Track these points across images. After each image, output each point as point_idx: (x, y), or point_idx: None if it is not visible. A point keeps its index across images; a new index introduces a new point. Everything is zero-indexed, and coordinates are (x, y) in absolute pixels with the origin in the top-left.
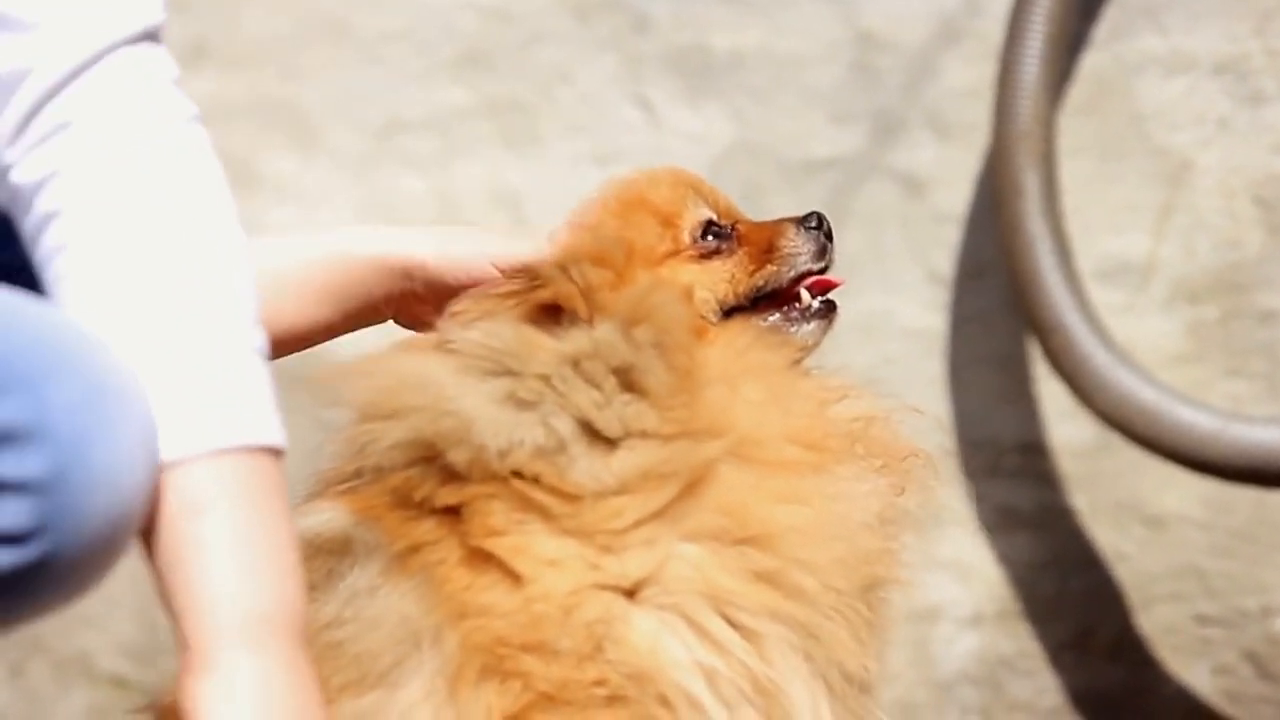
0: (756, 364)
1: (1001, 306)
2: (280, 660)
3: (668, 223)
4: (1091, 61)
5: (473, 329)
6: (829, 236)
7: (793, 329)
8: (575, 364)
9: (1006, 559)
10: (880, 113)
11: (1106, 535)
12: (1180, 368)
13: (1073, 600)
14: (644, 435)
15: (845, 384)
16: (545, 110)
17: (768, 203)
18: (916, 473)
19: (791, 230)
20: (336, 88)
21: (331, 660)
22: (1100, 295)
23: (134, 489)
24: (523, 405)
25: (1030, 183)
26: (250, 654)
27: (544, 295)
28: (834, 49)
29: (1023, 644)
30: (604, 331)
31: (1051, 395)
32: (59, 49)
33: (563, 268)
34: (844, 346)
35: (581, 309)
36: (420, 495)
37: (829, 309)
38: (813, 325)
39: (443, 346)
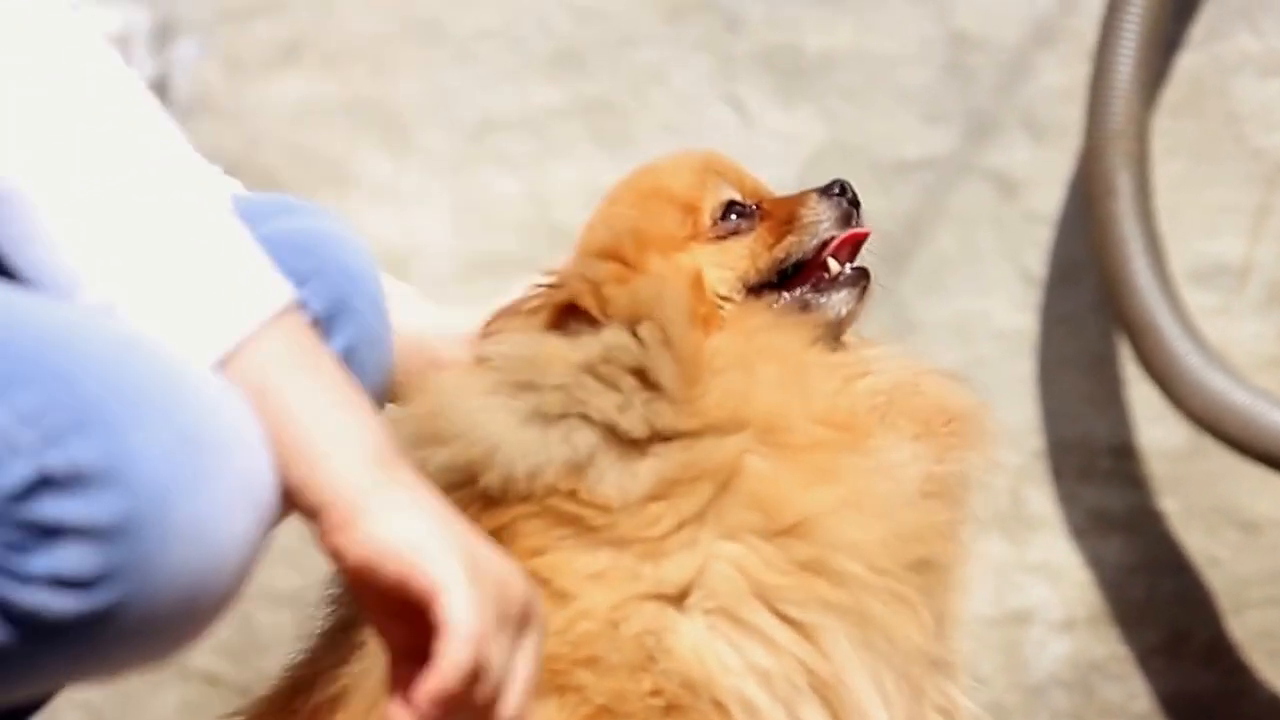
0: (769, 345)
1: (1093, 308)
2: (412, 478)
3: (688, 209)
4: (1187, 62)
5: (500, 343)
6: (855, 204)
7: (822, 299)
8: (591, 369)
9: (1098, 562)
10: (973, 113)
11: (1199, 539)
12: (1276, 371)
13: (1165, 604)
14: (668, 437)
15: (872, 354)
16: (638, 110)
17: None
18: (961, 436)
19: (813, 199)
20: (430, 87)
21: None
22: (1195, 298)
23: (226, 545)
24: (547, 421)
25: (1123, 183)
26: (392, 483)
27: (561, 298)
28: (927, 49)
29: (1114, 648)
30: (612, 334)
31: (1143, 397)
32: None
33: (576, 268)
34: (936, 347)
35: (592, 306)
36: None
37: (860, 275)
38: (843, 293)
39: (478, 363)
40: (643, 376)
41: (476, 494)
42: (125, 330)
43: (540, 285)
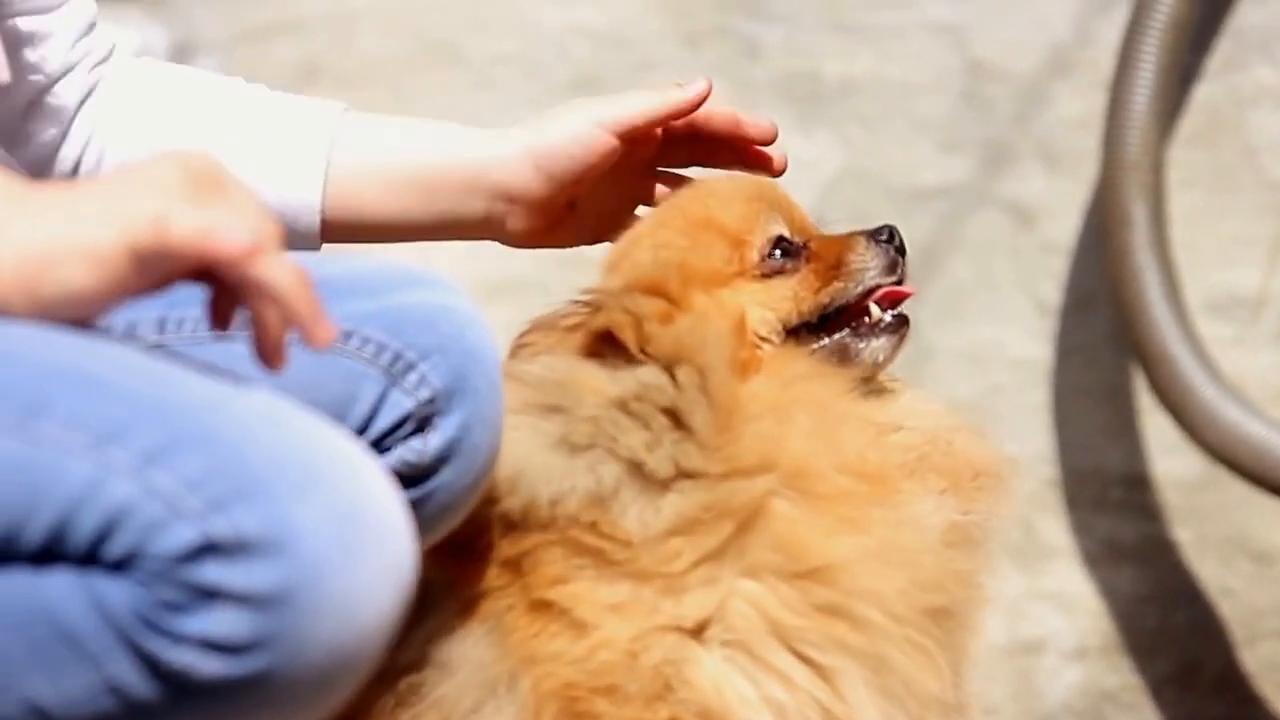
0: (805, 395)
1: (1108, 338)
2: (48, 190)
3: (737, 243)
4: (1203, 93)
5: (535, 362)
6: (901, 251)
7: (861, 345)
8: (623, 405)
9: (1111, 592)
10: (990, 142)
11: (1212, 570)
12: None
13: (1177, 634)
14: (693, 476)
15: (906, 405)
16: None
17: None
18: (987, 491)
19: (861, 244)
20: (447, 111)
21: (413, 704)
22: (1210, 329)
23: (371, 621)
24: (574, 450)
25: (1139, 213)
26: (36, 200)
27: (599, 324)
28: (944, 78)
29: (1126, 678)
30: (648, 374)
31: (1157, 428)
32: None
33: (618, 296)
34: (951, 376)
35: (630, 341)
36: (483, 543)
37: (900, 323)
38: (882, 340)
39: (509, 376)
40: (675, 417)
41: (498, 515)
42: (276, 400)
43: (578, 303)
